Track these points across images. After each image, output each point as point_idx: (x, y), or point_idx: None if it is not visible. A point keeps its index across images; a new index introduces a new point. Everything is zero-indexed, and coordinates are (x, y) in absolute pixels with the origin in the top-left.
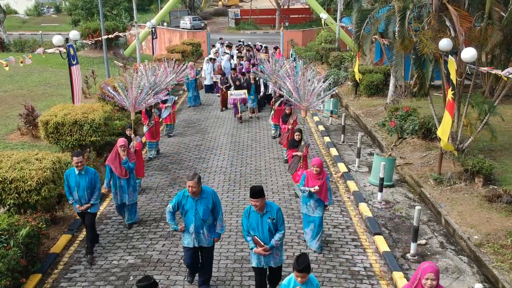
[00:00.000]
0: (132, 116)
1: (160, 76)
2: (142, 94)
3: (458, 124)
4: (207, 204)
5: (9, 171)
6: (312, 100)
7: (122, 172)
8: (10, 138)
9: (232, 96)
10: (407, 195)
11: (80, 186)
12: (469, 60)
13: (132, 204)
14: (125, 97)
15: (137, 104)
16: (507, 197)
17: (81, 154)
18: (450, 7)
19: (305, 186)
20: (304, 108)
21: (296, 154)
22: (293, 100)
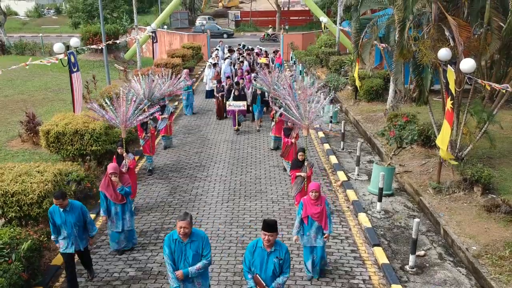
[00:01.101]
0: (123, 134)
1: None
2: (131, 110)
3: (457, 132)
4: (197, 248)
5: (10, 184)
6: (314, 118)
7: (118, 198)
8: (11, 145)
9: (230, 107)
10: (406, 204)
11: (67, 223)
12: (468, 71)
13: (130, 230)
14: (114, 114)
15: (128, 121)
16: (506, 207)
17: (63, 195)
18: (449, 17)
19: (303, 217)
20: (306, 127)
21: (299, 175)
22: (294, 118)
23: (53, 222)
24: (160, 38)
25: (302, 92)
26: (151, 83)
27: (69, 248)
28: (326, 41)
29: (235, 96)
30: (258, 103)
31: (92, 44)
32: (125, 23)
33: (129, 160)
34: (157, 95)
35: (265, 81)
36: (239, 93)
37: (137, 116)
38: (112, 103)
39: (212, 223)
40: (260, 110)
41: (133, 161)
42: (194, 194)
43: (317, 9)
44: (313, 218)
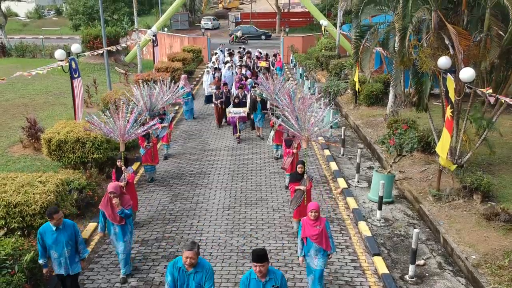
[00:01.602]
0: (121, 147)
1: (156, 96)
2: (130, 122)
3: (457, 138)
4: (200, 280)
5: (13, 195)
6: (313, 130)
7: (116, 219)
8: (12, 150)
9: (230, 114)
10: (406, 212)
11: (59, 243)
12: (468, 80)
13: (126, 255)
14: (112, 127)
15: (127, 134)
16: (505, 216)
17: (57, 209)
18: (448, 25)
19: (302, 237)
20: (305, 139)
21: (299, 188)
22: (293, 130)
23: (42, 243)
24: (161, 40)
25: (302, 103)
26: (152, 95)
27: (60, 269)
28: (326, 44)
29: (235, 103)
30: (259, 111)
31: (93, 47)
32: (126, 26)
33: (128, 174)
34: (158, 106)
35: (267, 88)
36: (239, 100)
37: (135, 129)
38: (111, 115)
39: (213, 232)
40: (260, 118)
41: (132, 175)
42: (195, 201)
43: (317, 12)
44: (311, 240)
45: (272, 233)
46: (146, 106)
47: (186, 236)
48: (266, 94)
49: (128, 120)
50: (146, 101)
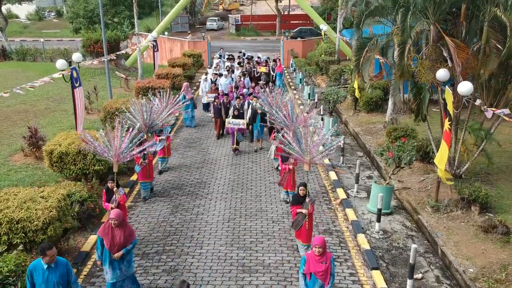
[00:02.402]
0: (114, 168)
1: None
2: (126, 142)
3: (455, 149)
4: None
5: (16, 211)
6: (316, 152)
7: (113, 250)
8: (14, 159)
9: (229, 125)
10: (404, 223)
11: (49, 282)
12: (466, 94)
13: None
14: (107, 147)
15: (121, 155)
16: (502, 228)
17: (51, 245)
18: (447, 38)
19: (306, 273)
20: (307, 162)
21: (300, 212)
22: (295, 153)
23: (32, 282)
24: (161, 44)
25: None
26: (151, 111)
27: None
28: (326, 49)
29: (234, 115)
30: (258, 123)
31: (93, 51)
32: (126, 29)
33: (120, 196)
34: (158, 123)
35: (266, 103)
36: (238, 112)
37: (130, 150)
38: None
39: (213, 244)
40: (260, 130)
41: (123, 196)
42: (195, 213)
43: (318, 17)
44: (316, 276)
45: (271, 246)
46: (145, 123)
47: (187, 249)
48: (266, 108)
49: (123, 140)
50: (146, 118)
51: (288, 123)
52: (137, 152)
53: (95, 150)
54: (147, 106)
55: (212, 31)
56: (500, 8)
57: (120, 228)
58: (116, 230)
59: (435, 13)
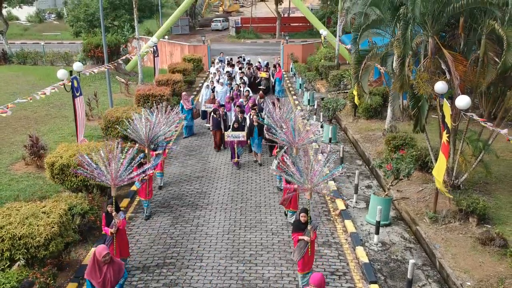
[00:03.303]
0: (112, 192)
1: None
2: (124, 165)
3: (453, 159)
4: None
5: (18, 227)
6: (317, 180)
7: (108, 286)
8: (15, 168)
9: (228, 138)
10: (403, 235)
11: None
12: (463, 108)
13: None
14: (104, 170)
15: (119, 179)
16: (500, 241)
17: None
18: (445, 51)
19: None
20: (308, 190)
21: (302, 239)
22: (295, 182)
23: None
24: (161, 48)
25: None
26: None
27: None
28: (325, 54)
29: (234, 128)
30: (256, 136)
31: (94, 56)
32: (126, 33)
33: (119, 220)
34: (160, 135)
35: (273, 117)
36: (238, 125)
37: (129, 173)
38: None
39: (213, 257)
40: (258, 144)
41: (123, 221)
42: (195, 224)
43: (317, 21)
44: None
45: (271, 259)
46: (147, 137)
47: (187, 262)
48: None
49: (122, 163)
50: (147, 132)
51: (290, 141)
52: (136, 175)
53: (92, 174)
54: (149, 120)
55: (216, 32)
56: (498, 22)
57: (109, 265)
58: (104, 267)
59: (433, 26)
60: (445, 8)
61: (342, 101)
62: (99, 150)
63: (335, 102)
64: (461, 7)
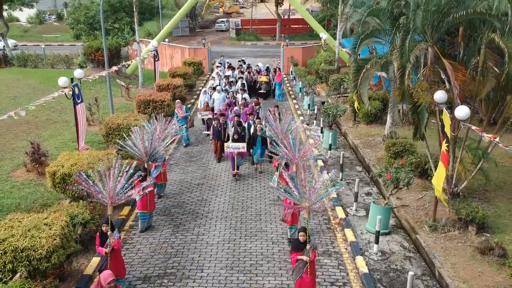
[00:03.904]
0: (109, 211)
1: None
2: (121, 183)
3: (453, 167)
4: None
5: (20, 239)
6: (315, 198)
7: None
8: (16, 175)
9: (228, 149)
10: (402, 244)
11: None
12: (463, 118)
13: None
14: (101, 187)
15: (116, 197)
16: (499, 250)
17: None
18: (444, 60)
19: None
20: (306, 208)
21: (301, 259)
22: (292, 199)
23: None
24: (161, 51)
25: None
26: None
27: None
28: (325, 57)
29: (234, 139)
30: (259, 145)
31: (94, 59)
32: (127, 36)
33: (114, 240)
34: (159, 149)
35: (275, 129)
36: (238, 136)
37: (126, 189)
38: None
39: (213, 267)
40: (260, 153)
41: (118, 240)
42: (196, 233)
43: (317, 25)
44: None
45: (271, 269)
46: (146, 152)
47: (187, 273)
48: (271, 133)
49: (119, 180)
50: (146, 146)
51: (290, 157)
52: (136, 191)
53: (88, 191)
54: (148, 134)
55: (217, 33)
56: (498, 33)
57: None
58: None
59: (433, 36)
60: (444, 18)
61: (342, 107)
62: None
63: (335, 108)
64: (460, 17)
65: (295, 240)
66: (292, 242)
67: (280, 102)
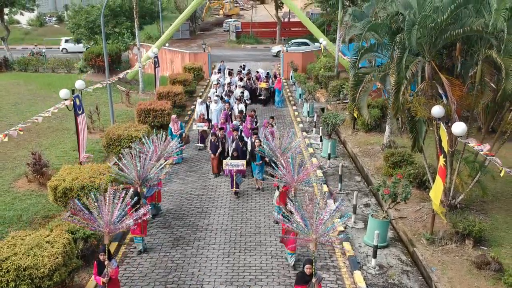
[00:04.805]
0: (106, 240)
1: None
2: (117, 210)
3: (451, 179)
4: None
5: (23, 258)
6: (322, 230)
7: None
8: (17, 185)
9: (227, 167)
10: (400, 257)
11: None
12: (460, 134)
13: None
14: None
15: (113, 225)
16: (495, 265)
17: None
18: (442, 76)
19: None
20: (313, 241)
21: None
22: (300, 232)
23: None
24: (162, 55)
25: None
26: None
27: None
28: (325, 63)
29: (233, 157)
30: (258, 161)
31: (95, 65)
32: (127, 40)
33: (112, 270)
34: (152, 176)
35: (271, 147)
36: (238, 154)
37: (122, 216)
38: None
39: (213, 282)
40: (260, 170)
41: (116, 269)
42: (196, 247)
43: (317, 30)
44: None
45: (270, 284)
46: (138, 175)
47: None
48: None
49: (115, 208)
50: (139, 169)
51: (289, 179)
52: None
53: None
54: (141, 157)
55: (221, 35)
56: (494, 50)
57: None
58: None
59: (430, 52)
60: (441, 35)
61: (341, 117)
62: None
63: (334, 118)
64: (457, 34)
65: (300, 273)
66: (297, 275)
67: (279, 109)
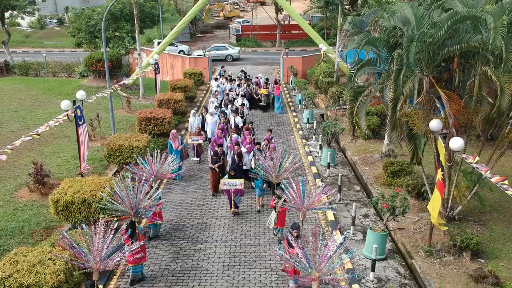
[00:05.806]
0: (94, 276)
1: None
2: (108, 243)
3: (449, 191)
4: None
5: (25, 275)
6: (326, 269)
7: None
8: (19, 195)
9: (224, 186)
10: (398, 270)
11: None
12: (457, 149)
13: None
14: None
15: (102, 262)
16: (492, 279)
17: None
18: (440, 90)
19: None
20: (316, 279)
21: None
22: (301, 269)
23: None
24: (162, 60)
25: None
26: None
27: None
28: (325, 69)
29: (230, 176)
30: (260, 179)
31: (95, 70)
32: (127, 44)
33: None
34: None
35: (265, 167)
36: (235, 173)
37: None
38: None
39: None
40: (261, 188)
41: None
42: (196, 259)
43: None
44: None
45: None
46: (131, 205)
47: None
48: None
49: (106, 241)
50: (131, 198)
51: (298, 204)
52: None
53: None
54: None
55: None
56: (491, 66)
57: None
58: None
59: (428, 66)
60: (439, 50)
61: (340, 126)
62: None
63: (334, 127)
64: (455, 50)
65: None
66: None
67: (279, 115)
